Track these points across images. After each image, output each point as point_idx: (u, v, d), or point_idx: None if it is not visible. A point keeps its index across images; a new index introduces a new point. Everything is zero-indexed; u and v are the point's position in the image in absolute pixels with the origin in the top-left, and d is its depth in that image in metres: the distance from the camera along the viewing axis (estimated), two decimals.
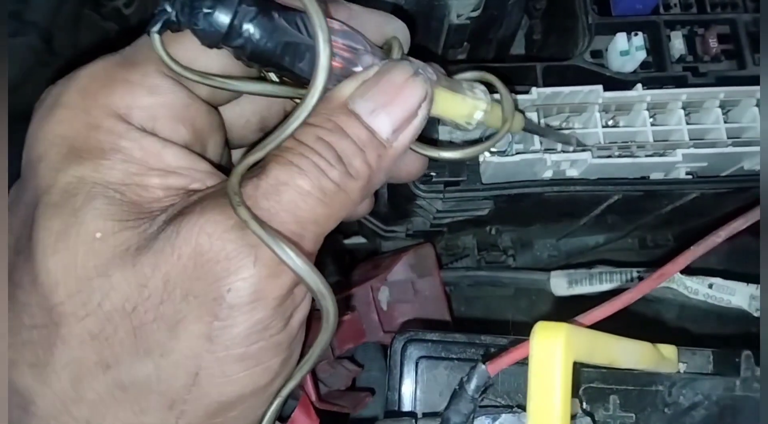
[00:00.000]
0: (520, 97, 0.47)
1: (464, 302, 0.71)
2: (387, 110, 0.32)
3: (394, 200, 0.55)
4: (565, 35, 0.57)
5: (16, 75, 0.59)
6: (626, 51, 0.51)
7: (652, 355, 0.33)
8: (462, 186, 0.49)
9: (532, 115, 0.48)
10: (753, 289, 0.49)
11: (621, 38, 0.52)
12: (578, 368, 0.34)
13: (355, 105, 0.32)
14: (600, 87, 0.47)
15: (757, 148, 0.47)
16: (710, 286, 0.50)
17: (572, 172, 0.49)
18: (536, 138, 0.47)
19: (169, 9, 0.27)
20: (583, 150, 0.47)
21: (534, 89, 0.47)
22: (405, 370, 0.37)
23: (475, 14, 0.52)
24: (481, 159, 0.48)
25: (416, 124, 0.33)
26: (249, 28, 0.29)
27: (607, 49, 0.53)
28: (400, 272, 0.59)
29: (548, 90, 0.47)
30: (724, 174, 0.50)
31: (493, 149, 0.48)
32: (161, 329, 0.28)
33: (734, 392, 0.35)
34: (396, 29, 0.38)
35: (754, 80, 0.50)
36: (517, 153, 0.47)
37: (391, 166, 0.34)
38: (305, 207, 0.30)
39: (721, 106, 0.49)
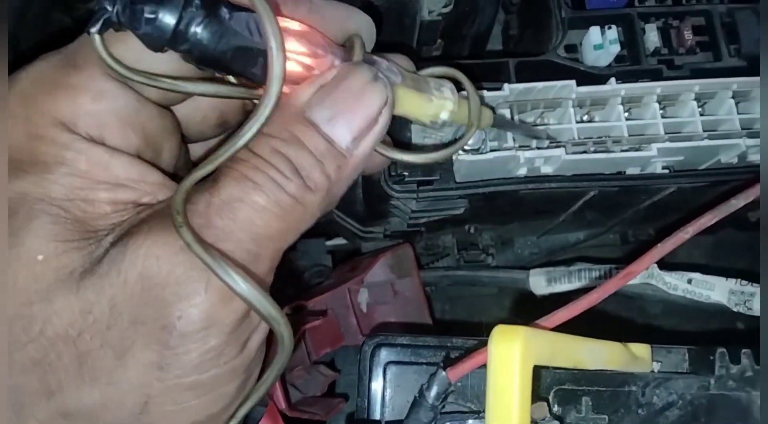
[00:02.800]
0: (493, 93, 0.46)
1: (447, 302, 0.70)
2: (346, 118, 0.31)
3: (369, 201, 0.54)
4: (540, 30, 0.56)
5: None
6: (600, 45, 0.50)
7: (622, 355, 0.32)
8: (435, 185, 0.48)
9: (506, 112, 0.47)
10: (732, 283, 0.49)
11: (594, 32, 0.51)
12: (547, 370, 0.33)
13: (313, 113, 0.30)
14: (573, 82, 0.47)
15: (734, 141, 0.47)
16: (689, 281, 0.50)
17: (547, 169, 0.48)
18: (509, 135, 0.47)
19: (109, 8, 0.26)
20: (557, 146, 0.46)
21: (506, 85, 0.46)
22: (374, 375, 0.36)
23: (446, 10, 0.52)
24: (454, 157, 0.47)
25: (377, 131, 0.32)
26: (196, 32, 0.28)
27: (581, 44, 0.52)
28: (379, 273, 0.58)
29: (521, 86, 0.47)
30: (701, 168, 0.49)
31: (466, 147, 0.47)
32: (108, 356, 0.27)
33: (708, 390, 0.34)
34: (360, 24, 0.36)
35: (730, 72, 0.50)
36: (491, 151, 0.47)
37: (353, 176, 0.32)
38: (261, 224, 0.28)
39: (697, 99, 0.48)
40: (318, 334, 0.51)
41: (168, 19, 0.27)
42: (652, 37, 0.52)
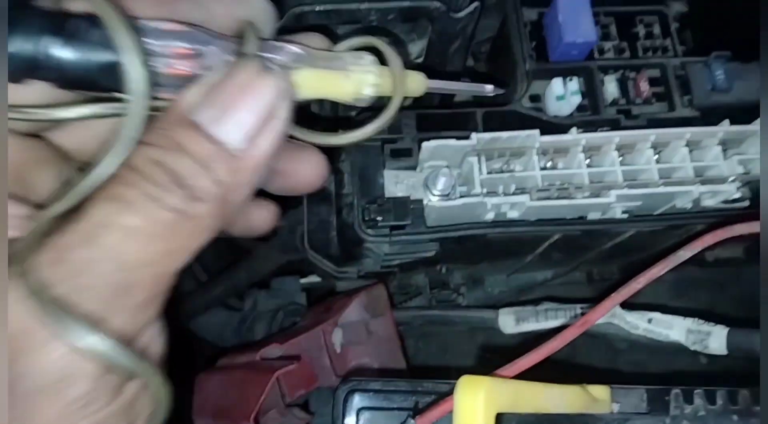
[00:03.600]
0: (461, 142, 0.49)
1: (420, 339, 0.71)
2: (234, 116, 0.28)
3: (343, 244, 0.55)
4: (507, 79, 0.59)
5: None
6: (562, 96, 0.53)
7: (582, 398, 0.34)
8: (407, 230, 0.49)
9: (473, 160, 0.49)
10: (689, 323, 0.51)
11: (557, 83, 0.54)
12: (512, 415, 0.35)
13: (198, 115, 0.27)
14: (537, 131, 0.49)
15: (688, 188, 0.49)
16: (649, 321, 0.52)
17: (513, 214, 0.50)
18: (477, 181, 0.48)
19: None
20: (522, 193, 0.48)
21: (474, 135, 0.49)
22: (347, 421, 0.37)
23: (418, 61, 0.54)
24: (425, 203, 0.49)
25: (276, 126, 0.29)
26: (55, 57, 0.25)
27: (544, 94, 0.55)
28: (353, 313, 0.59)
29: (487, 135, 0.49)
30: (657, 212, 0.52)
31: (436, 193, 0.49)
32: None
33: None
34: (254, 10, 0.32)
35: (683, 122, 0.53)
36: (460, 196, 0.49)
37: (254, 177, 0.29)
38: (133, 249, 0.25)
39: (653, 147, 0.51)
40: (292, 376, 0.52)
41: (24, 48, 0.25)
42: (611, 88, 0.55)
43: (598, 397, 0.36)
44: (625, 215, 0.51)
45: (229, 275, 0.89)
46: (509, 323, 0.58)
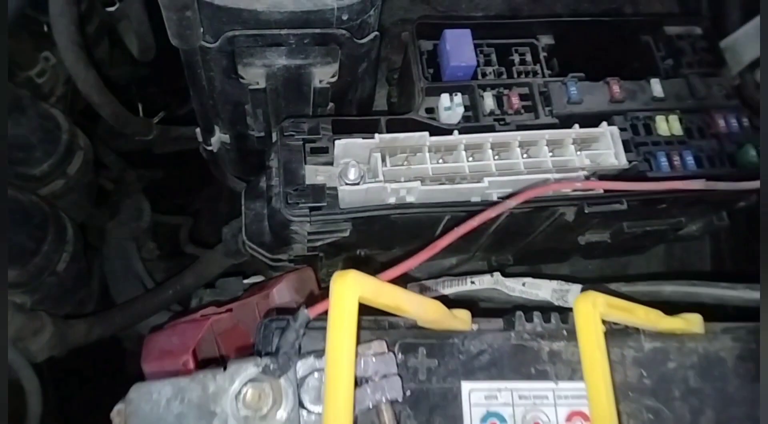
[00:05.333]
0: (367, 140, 0.61)
1: None
2: None
3: (273, 229, 0.66)
4: (409, 97, 0.72)
5: None
6: (449, 107, 0.67)
7: (442, 312, 0.45)
8: (324, 211, 0.61)
9: (377, 155, 0.61)
10: (554, 284, 0.63)
11: (445, 98, 0.67)
12: (395, 330, 0.46)
13: None
14: (427, 133, 0.62)
15: (546, 176, 0.62)
16: (523, 284, 0.64)
17: (410, 198, 0.62)
18: (380, 173, 0.60)
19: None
20: (415, 179, 0.60)
21: (377, 135, 0.61)
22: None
23: (333, 79, 0.67)
24: (338, 188, 0.61)
25: None
26: None
27: (437, 106, 0.68)
28: (284, 293, 0.69)
29: (388, 136, 0.61)
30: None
31: (347, 182, 0.61)
32: None
33: (510, 341, 0.48)
34: None
35: (545, 127, 0.66)
36: (365, 183, 0.61)
37: None
38: None
39: (521, 146, 0.64)
40: (229, 340, 0.61)
41: None
42: (488, 101, 0.68)
43: (458, 316, 0.47)
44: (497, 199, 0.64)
45: (177, 280, 0.97)
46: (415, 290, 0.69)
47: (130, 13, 0.90)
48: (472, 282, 0.66)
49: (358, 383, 0.40)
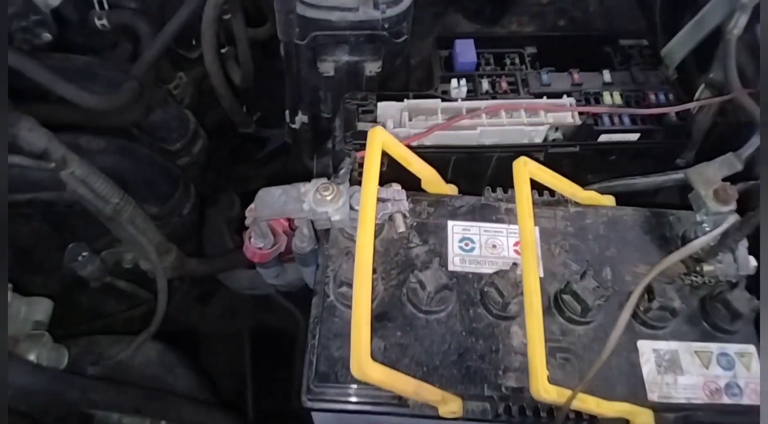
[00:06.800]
0: (399, 103, 0.92)
1: None
2: None
3: (334, 163, 0.97)
4: (429, 82, 1.04)
5: None
6: (456, 87, 0.98)
7: (436, 176, 0.73)
8: None
9: (405, 114, 0.92)
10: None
11: (454, 81, 0.98)
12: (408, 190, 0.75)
13: None
14: (440, 100, 0.93)
15: (521, 128, 0.91)
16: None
17: (428, 142, 0.92)
18: (407, 123, 0.91)
19: None
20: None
21: (406, 100, 0.92)
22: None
23: (378, 70, 0.99)
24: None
25: None
26: None
27: (449, 87, 0.99)
28: None
29: (413, 101, 0.93)
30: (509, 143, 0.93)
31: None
32: None
33: (481, 201, 0.76)
34: None
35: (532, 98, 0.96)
36: (396, 129, 0.91)
37: None
38: None
39: (506, 112, 0.94)
40: None
41: None
42: (485, 85, 0.99)
43: (449, 186, 0.75)
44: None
45: None
46: None
47: (239, 52, 1.27)
48: None
49: (381, 200, 0.69)
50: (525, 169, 0.70)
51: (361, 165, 0.70)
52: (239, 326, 1.66)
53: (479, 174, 0.99)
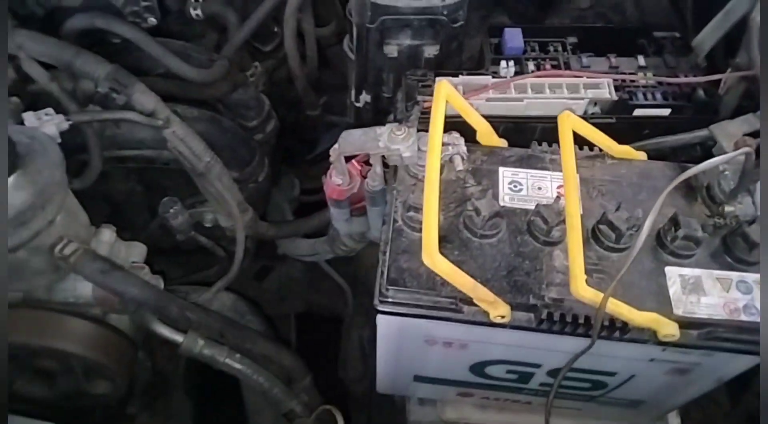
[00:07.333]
0: (455, 79, 1.05)
1: None
2: None
3: None
4: (481, 63, 1.17)
5: None
6: (505, 67, 1.10)
7: (489, 129, 0.85)
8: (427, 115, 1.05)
9: (460, 88, 1.05)
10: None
11: (503, 63, 1.11)
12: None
13: None
14: (490, 76, 1.06)
15: (563, 101, 1.03)
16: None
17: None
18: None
19: None
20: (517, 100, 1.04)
21: (460, 76, 1.05)
22: None
23: (436, 53, 1.13)
24: None
25: None
26: None
27: (499, 68, 1.12)
28: None
29: (467, 77, 1.06)
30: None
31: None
32: None
33: (528, 152, 0.88)
34: None
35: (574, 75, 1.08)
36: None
37: None
38: None
39: (549, 87, 1.06)
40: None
41: None
42: (531, 66, 1.12)
43: (500, 139, 0.87)
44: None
45: (321, 213, 1.42)
46: None
47: (306, 46, 1.43)
48: None
49: (443, 144, 0.82)
50: (569, 121, 0.82)
51: (424, 113, 0.83)
52: (290, 306, 1.79)
53: (525, 143, 1.11)
